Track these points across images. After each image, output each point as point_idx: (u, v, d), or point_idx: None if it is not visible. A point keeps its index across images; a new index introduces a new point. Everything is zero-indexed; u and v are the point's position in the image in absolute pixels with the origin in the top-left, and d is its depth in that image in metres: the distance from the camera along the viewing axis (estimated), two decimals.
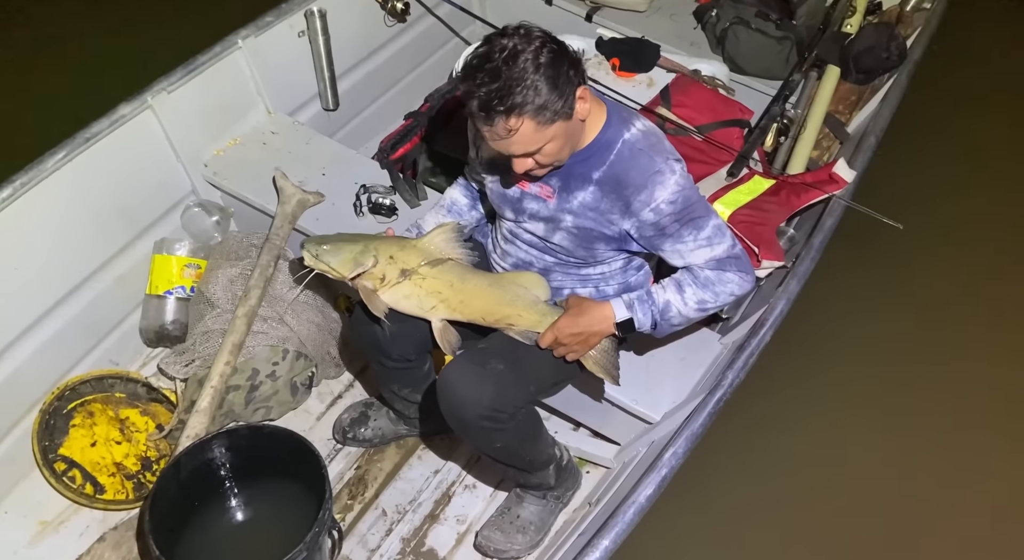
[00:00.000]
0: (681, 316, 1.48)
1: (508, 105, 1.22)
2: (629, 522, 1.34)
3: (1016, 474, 2.32)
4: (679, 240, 1.43)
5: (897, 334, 2.64)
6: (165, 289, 2.02)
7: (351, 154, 2.23)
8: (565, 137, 1.32)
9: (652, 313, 1.47)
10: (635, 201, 1.39)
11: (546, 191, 1.47)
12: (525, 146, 1.29)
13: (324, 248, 1.54)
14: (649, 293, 1.48)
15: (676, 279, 1.48)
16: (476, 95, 1.24)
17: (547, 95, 1.24)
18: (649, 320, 1.47)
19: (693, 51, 2.68)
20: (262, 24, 2.17)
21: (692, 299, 1.46)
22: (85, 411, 1.86)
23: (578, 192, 1.44)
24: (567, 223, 1.47)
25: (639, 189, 1.38)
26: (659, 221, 1.40)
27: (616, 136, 1.40)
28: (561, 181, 1.45)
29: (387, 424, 1.99)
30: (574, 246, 1.50)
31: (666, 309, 1.47)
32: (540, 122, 1.26)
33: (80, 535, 1.79)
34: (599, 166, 1.41)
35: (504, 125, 1.25)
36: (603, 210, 1.43)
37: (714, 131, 2.13)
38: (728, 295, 1.47)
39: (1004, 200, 3.12)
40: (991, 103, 3.54)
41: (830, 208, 1.94)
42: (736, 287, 1.46)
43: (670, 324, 1.49)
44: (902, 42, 2.53)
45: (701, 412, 1.50)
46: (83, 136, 1.81)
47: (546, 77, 1.23)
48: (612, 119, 1.41)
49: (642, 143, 1.40)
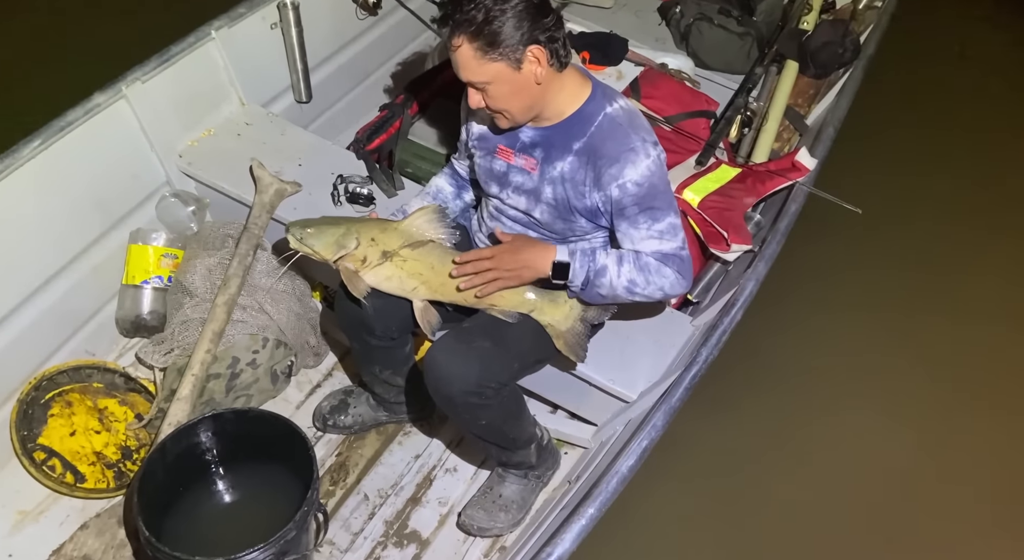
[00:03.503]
0: (610, 287, 1.47)
1: (456, 20, 1.32)
2: (613, 491, 1.39)
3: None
4: (634, 225, 1.46)
5: (858, 309, 2.82)
6: (142, 279, 2.01)
7: (327, 145, 2.25)
8: (511, 87, 1.38)
9: (588, 268, 1.47)
10: (605, 174, 1.43)
11: (530, 163, 1.52)
12: (467, 73, 1.38)
13: (308, 231, 1.57)
14: (593, 251, 1.49)
15: (619, 253, 1.49)
16: (443, 5, 1.35)
17: (492, 27, 1.31)
18: (583, 275, 1.47)
19: (658, 46, 2.76)
20: (235, 15, 2.17)
21: (625, 275, 1.46)
22: (63, 401, 1.84)
23: (558, 162, 1.49)
24: (547, 195, 1.52)
25: (611, 162, 1.42)
26: (621, 199, 1.44)
27: (598, 109, 1.46)
28: (544, 152, 1.50)
29: (367, 411, 2.02)
30: (552, 219, 1.54)
31: (601, 272, 1.47)
32: (477, 50, 1.34)
33: (60, 524, 1.78)
34: (580, 136, 1.46)
35: (450, 39, 1.35)
36: (578, 181, 1.48)
37: (682, 121, 2.21)
38: (658, 288, 1.47)
39: (958, 185, 3.32)
40: (941, 95, 3.73)
41: (794, 194, 2.03)
42: (668, 285, 1.48)
43: (597, 290, 1.49)
44: (856, 38, 2.65)
45: (678, 388, 1.56)
46: (58, 124, 1.80)
47: (501, 13, 1.31)
48: (596, 93, 1.47)
49: (622, 119, 1.45)
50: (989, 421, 2.53)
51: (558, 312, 1.59)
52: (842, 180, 2.25)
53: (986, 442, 2.47)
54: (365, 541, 1.87)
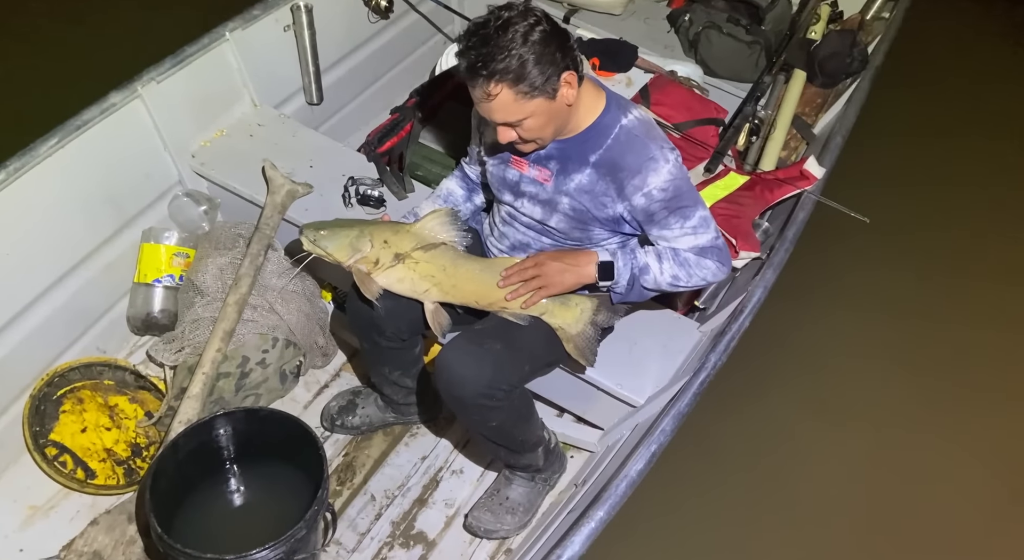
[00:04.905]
0: (655, 283, 1.52)
1: (490, 70, 1.30)
2: (622, 495, 1.40)
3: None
4: (666, 227, 1.49)
5: (868, 317, 2.84)
6: (154, 277, 2.03)
7: (338, 147, 2.26)
8: (547, 117, 1.38)
9: (632, 266, 1.51)
10: (628, 185, 1.45)
11: (544, 175, 1.53)
12: (504, 115, 1.36)
13: (322, 233, 1.58)
14: (632, 249, 1.53)
15: (656, 250, 1.53)
16: (466, 56, 1.32)
17: (529, 69, 1.30)
18: (627, 273, 1.51)
19: (667, 54, 2.77)
20: (249, 17, 2.19)
21: (668, 272, 1.51)
22: (74, 397, 1.86)
23: (575, 175, 1.50)
24: (563, 206, 1.53)
25: (633, 173, 1.44)
26: (649, 206, 1.47)
27: (614, 121, 1.47)
28: (559, 164, 1.51)
29: (375, 412, 2.03)
30: (570, 228, 1.56)
31: (644, 270, 1.51)
32: (518, 93, 1.32)
33: (71, 520, 1.79)
34: (596, 149, 1.47)
35: (484, 89, 1.32)
36: (598, 193, 1.49)
37: (691, 129, 2.22)
38: (701, 279, 1.53)
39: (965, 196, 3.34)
40: (947, 108, 3.75)
41: (801, 203, 2.05)
42: (711, 274, 1.53)
43: (643, 287, 1.53)
44: (863, 48, 2.66)
45: (687, 393, 1.57)
46: (74, 123, 1.82)
47: (533, 52, 1.30)
48: (611, 105, 1.48)
49: (639, 129, 1.47)
50: (997, 423, 2.55)
51: (569, 315, 1.60)
52: (849, 189, 2.27)
53: (992, 445, 2.49)
54: (372, 541, 1.88)
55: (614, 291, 1.57)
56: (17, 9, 3.55)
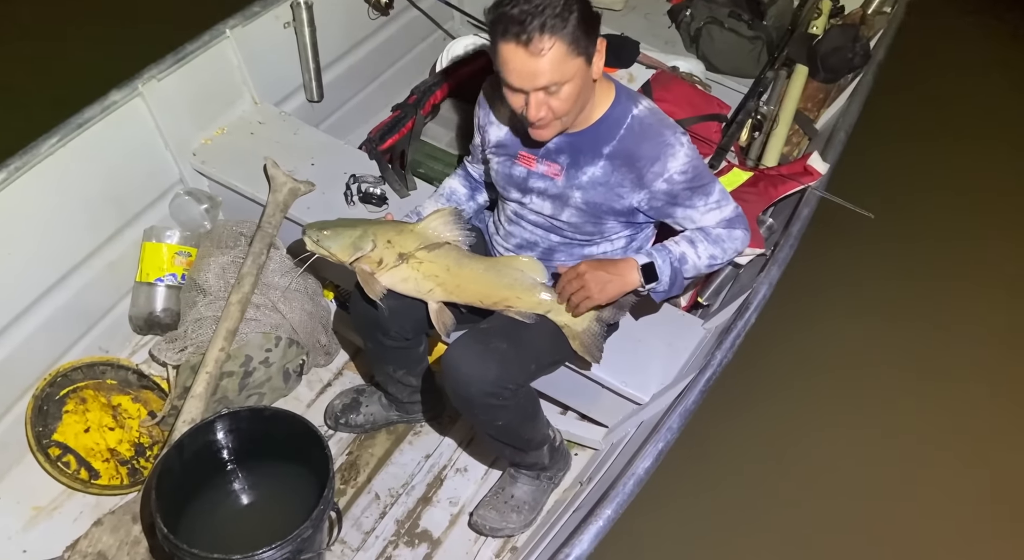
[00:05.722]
0: (695, 269, 1.52)
1: (543, 21, 1.24)
2: (629, 493, 1.39)
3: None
4: (691, 206, 1.50)
5: (866, 315, 2.83)
6: (156, 276, 2.02)
7: (339, 144, 2.25)
8: (580, 86, 1.34)
9: (671, 261, 1.49)
10: (648, 173, 1.45)
11: (553, 169, 1.52)
12: (552, 73, 1.29)
13: (325, 233, 1.58)
14: (664, 245, 1.52)
15: (687, 236, 1.53)
16: (510, 13, 1.25)
17: (577, 26, 1.28)
18: (668, 268, 1.49)
19: (668, 49, 2.76)
20: (249, 14, 2.18)
21: (704, 253, 1.52)
22: (77, 397, 1.85)
23: (588, 167, 1.49)
24: (576, 200, 1.52)
25: (652, 161, 1.44)
26: (672, 189, 1.47)
27: (625, 112, 1.47)
28: (570, 158, 1.50)
29: (379, 410, 2.02)
30: (583, 222, 1.55)
31: (683, 260, 1.50)
32: (570, 49, 1.28)
33: (74, 520, 1.79)
34: (609, 140, 1.47)
35: (539, 43, 1.26)
36: (612, 184, 1.49)
37: (694, 125, 2.21)
38: (733, 251, 1.55)
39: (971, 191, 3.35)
40: (948, 104, 3.74)
41: (805, 199, 2.04)
42: (740, 243, 1.55)
43: (684, 277, 1.52)
44: (865, 43, 2.66)
45: (693, 390, 1.57)
46: (75, 121, 1.81)
47: (579, 11, 1.28)
48: (620, 97, 1.48)
49: (651, 118, 1.47)
50: (1001, 425, 2.55)
51: None
52: (853, 184, 2.26)
53: (992, 447, 2.49)
54: (376, 540, 1.88)
55: (656, 292, 1.52)
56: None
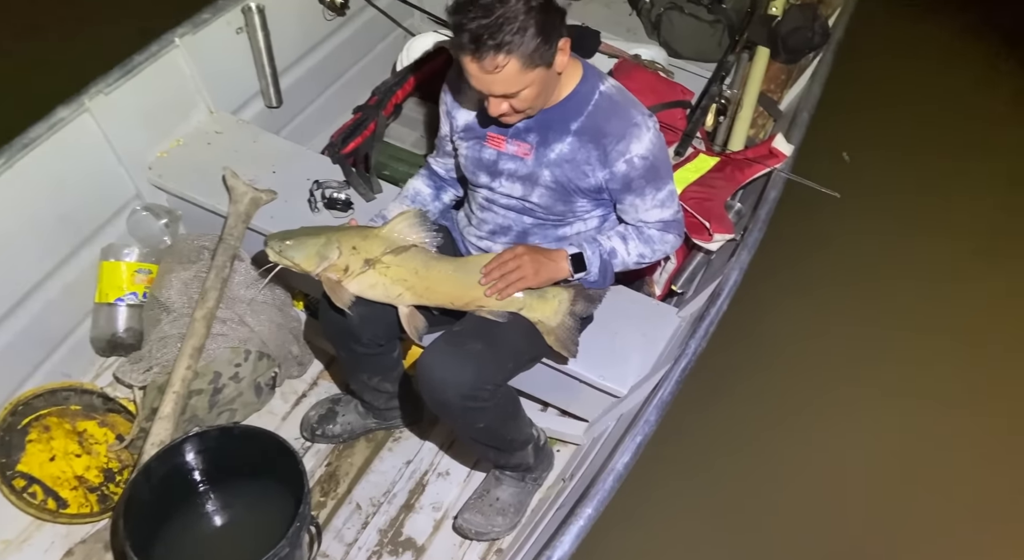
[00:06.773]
0: (623, 264, 1.59)
1: (498, 41, 1.24)
2: (609, 490, 1.38)
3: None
4: (640, 196, 1.51)
5: (835, 291, 2.86)
6: (116, 296, 1.96)
7: (300, 150, 2.20)
8: (542, 85, 1.35)
9: (600, 253, 1.55)
10: (612, 151, 1.44)
11: (523, 149, 1.50)
12: (506, 86, 1.31)
13: (287, 243, 1.54)
14: (595, 239, 1.57)
15: (619, 232, 1.58)
16: (467, 28, 1.25)
17: (534, 38, 1.26)
18: (598, 260, 1.55)
19: (630, 37, 2.75)
20: (199, 21, 2.12)
21: (634, 251, 1.58)
22: (40, 426, 1.79)
23: (555, 144, 1.47)
24: (545, 178, 1.50)
25: (617, 139, 1.43)
26: (628, 173, 1.46)
27: (592, 89, 1.45)
28: (539, 136, 1.48)
29: (356, 418, 1.99)
30: (553, 201, 1.53)
31: (612, 253, 1.57)
32: (525, 64, 1.28)
33: (45, 551, 1.73)
34: (577, 117, 1.45)
35: (492, 61, 1.26)
36: (579, 161, 1.47)
37: (659, 112, 2.18)
38: (662, 253, 1.61)
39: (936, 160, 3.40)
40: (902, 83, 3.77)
41: (772, 181, 2.03)
42: (670, 247, 1.61)
43: (612, 271, 1.59)
44: (824, 22, 2.66)
45: (669, 381, 1.55)
46: (20, 142, 1.75)
47: (536, 21, 1.26)
48: (587, 74, 1.46)
49: (619, 96, 1.46)
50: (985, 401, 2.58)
51: (547, 308, 1.58)
52: (819, 163, 2.27)
53: (980, 425, 2.51)
54: (360, 551, 1.85)
55: (586, 281, 1.58)
56: None
